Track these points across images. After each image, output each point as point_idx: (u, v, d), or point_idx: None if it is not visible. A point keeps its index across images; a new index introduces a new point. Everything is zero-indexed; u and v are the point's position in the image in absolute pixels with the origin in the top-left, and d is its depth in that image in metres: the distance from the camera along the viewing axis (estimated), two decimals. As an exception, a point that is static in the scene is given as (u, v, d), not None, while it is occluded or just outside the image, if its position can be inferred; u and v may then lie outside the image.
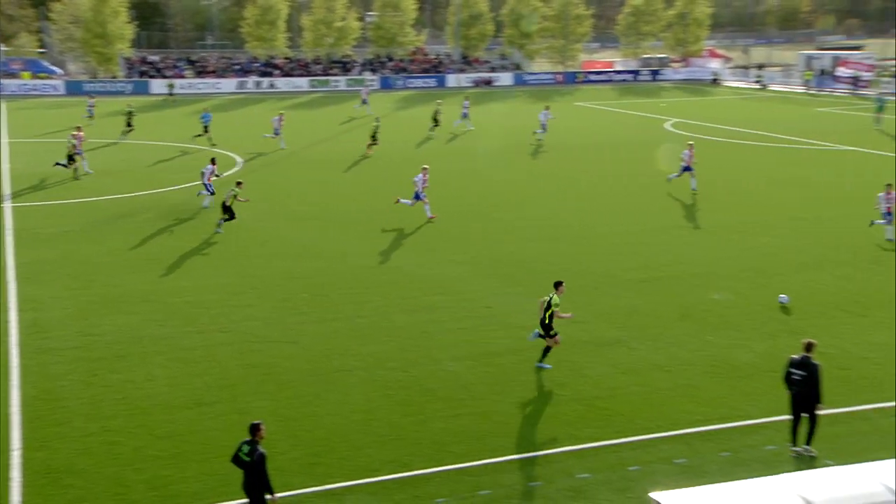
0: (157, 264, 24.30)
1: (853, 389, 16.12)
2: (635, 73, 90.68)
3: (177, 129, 51.05)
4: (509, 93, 77.86)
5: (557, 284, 17.08)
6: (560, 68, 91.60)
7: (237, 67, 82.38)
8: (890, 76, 75.85)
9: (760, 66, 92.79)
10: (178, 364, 17.57)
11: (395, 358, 17.83)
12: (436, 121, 49.30)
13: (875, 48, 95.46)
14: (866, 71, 76.02)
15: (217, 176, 31.76)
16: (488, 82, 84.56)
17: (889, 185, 26.72)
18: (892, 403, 15.63)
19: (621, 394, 16.17)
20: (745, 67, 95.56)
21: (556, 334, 16.98)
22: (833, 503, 9.38)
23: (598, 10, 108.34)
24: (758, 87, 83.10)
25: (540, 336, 17.18)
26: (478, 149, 44.42)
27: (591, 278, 22.85)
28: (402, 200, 29.19)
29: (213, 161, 32.00)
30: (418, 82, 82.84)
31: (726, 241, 26.55)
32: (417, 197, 28.79)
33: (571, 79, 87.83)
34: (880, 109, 52.52)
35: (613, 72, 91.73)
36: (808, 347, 13.95)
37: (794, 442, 14.08)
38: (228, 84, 78.49)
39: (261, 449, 11.48)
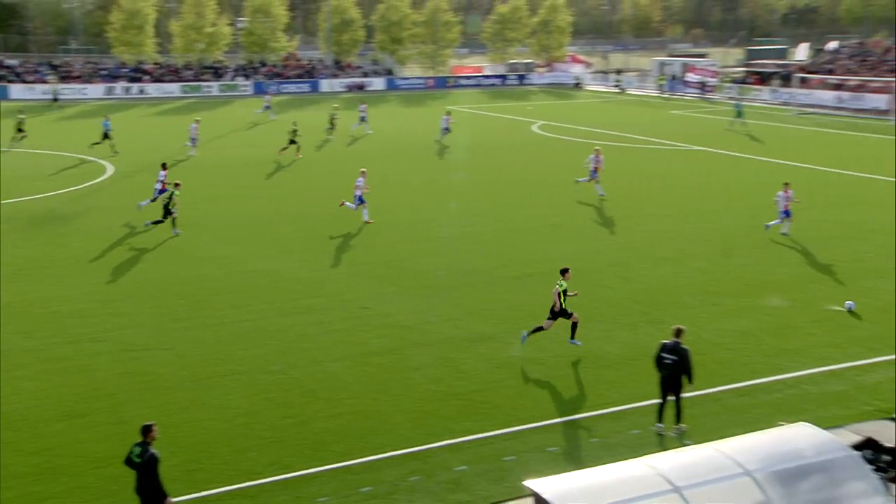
0: (23, 275, 23.14)
1: (707, 373, 16.88)
2: (503, 77, 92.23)
3: (64, 136, 48.68)
4: (382, 97, 77.85)
5: (564, 271, 18.15)
6: (431, 73, 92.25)
7: (104, 73, 79.22)
8: (731, 82, 79.92)
9: (619, 72, 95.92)
10: (48, 376, 16.80)
11: (276, 361, 17.58)
12: (332, 124, 49.49)
13: (718, 56, 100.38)
14: (711, 77, 79.77)
15: (163, 182, 30.39)
16: (361, 87, 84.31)
17: (786, 183, 27.76)
18: (743, 384, 16.49)
19: (496, 387, 16.45)
20: (605, 72, 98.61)
21: (572, 313, 17.97)
22: (690, 479, 9.83)
23: (465, 17, 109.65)
24: (617, 90, 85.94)
25: (534, 332, 18.01)
26: (365, 151, 44.26)
27: (465, 276, 23.13)
28: (347, 204, 29.09)
29: (163, 166, 30.98)
30: (292, 87, 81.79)
31: (593, 237, 27.34)
32: (360, 200, 28.71)
33: (442, 83, 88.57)
34: (739, 115, 54.98)
35: (482, 76, 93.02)
36: (678, 333, 14.70)
37: (661, 420, 14.73)
38: (95, 90, 75.39)
39: (153, 450, 11.26)
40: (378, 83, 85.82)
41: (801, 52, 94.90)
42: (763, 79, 78.87)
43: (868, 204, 31.65)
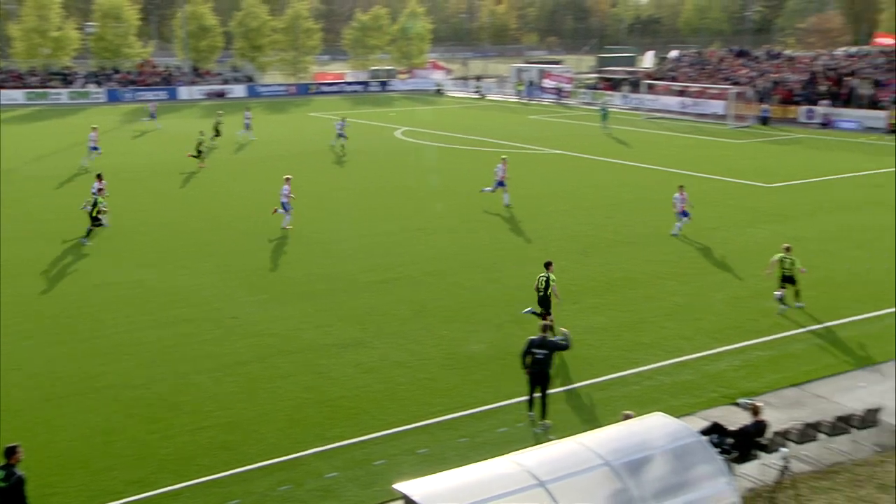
0: None
1: (569, 370, 17.37)
2: (365, 84, 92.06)
3: None
4: (244, 104, 76.23)
5: (548, 265, 18.98)
6: (293, 80, 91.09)
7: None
8: (584, 87, 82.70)
9: (478, 78, 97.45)
10: None
11: (139, 375, 16.92)
12: (217, 131, 48.83)
13: (572, 63, 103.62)
14: (567, 83, 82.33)
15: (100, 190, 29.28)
16: (221, 94, 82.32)
17: (681, 186, 28.82)
18: (603, 378, 17.05)
19: (365, 392, 16.38)
20: (465, 79, 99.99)
21: (549, 314, 18.41)
22: (553, 473, 10.08)
23: (326, 24, 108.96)
24: (477, 96, 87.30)
25: (534, 314, 18.73)
26: (233, 159, 43.15)
27: (331, 282, 22.94)
28: (280, 211, 28.86)
29: (98, 177, 30.17)
30: (149, 95, 78.93)
31: (459, 240, 27.63)
32: (284, 207, 28.66)
33: (304, 90, 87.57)
34: (605, 118, 57.95)
35: (345, 83, 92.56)
36: (545, 328, 15.05)
37: (531, 409, 15.16)
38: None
39: (19, 472, 10.91)
40: (239, 90, 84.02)
41: (648, 60, 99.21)
42: (614, 85, 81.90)
43: (714, 204, 33.31)
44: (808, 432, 13.84)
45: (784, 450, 13.37)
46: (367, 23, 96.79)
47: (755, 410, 13.53)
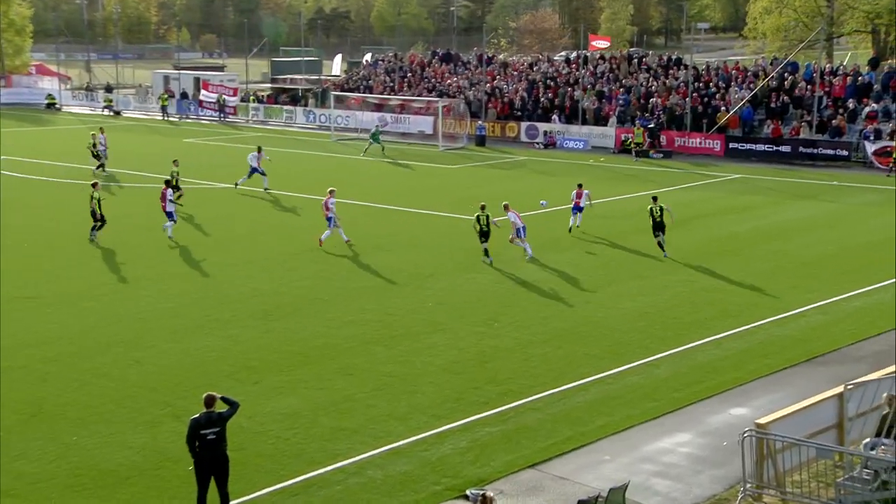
0: None
1: (249, 473, 17.17)
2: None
3: None
4: None
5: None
6: None
7: None
8: (257, 101, 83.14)
9: (109, 88, 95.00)
10: None
11: None
12: None
13: (238, 68, 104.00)
14: (232, 95, 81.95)
15: None
16: None
17: (580, 184, 36.84)
18: (295, 480, 17.08)
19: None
20: (90, 89, 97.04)
21: None
22: None
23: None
24: (109, 113, 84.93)
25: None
26: None
27: None
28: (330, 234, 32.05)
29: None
30: None
31: (88, 311, 26.60)
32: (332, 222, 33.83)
33: None
34: (376, 140, 58.68)
35: None
36: (210, 402, 15.08)
37: None
38: None
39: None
40: None
41: (336, 66, 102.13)
42: (294, 98, 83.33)
43: (425, 246, 34.77)
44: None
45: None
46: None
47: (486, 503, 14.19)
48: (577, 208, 36.48)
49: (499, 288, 29.24)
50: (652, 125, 59.58)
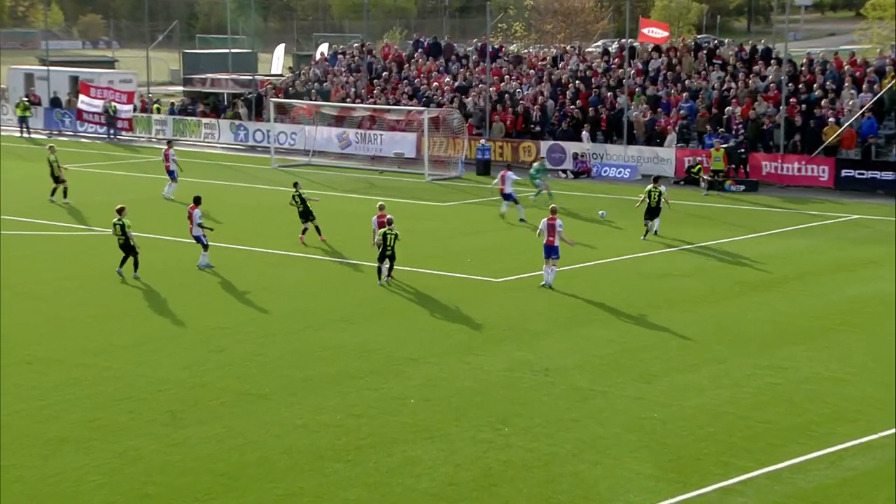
0: None
1: None
2: None
3: None
4: None
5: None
6: None
7: None
8: (165, 111, 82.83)
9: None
10: None
11: None
12: None
13: (135, 63, 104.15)
14: (126, 102, 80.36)
15: None
16: None
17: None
18: None
19: None
20: None
21: None
22: None
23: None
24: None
25: None
26: None
27: None
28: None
29: None
30: None
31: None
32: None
33: None
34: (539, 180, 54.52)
35: None
36: None
37: None
38: None
39: None
40: None
41: (278, 62, 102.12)
42: (217, 107, 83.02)
43: (398, 318, 34.84)
44: None
45: None
46: None
47: None
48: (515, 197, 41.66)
49: (510, 377, 29.14)
50: (731, 144, 59.23)
